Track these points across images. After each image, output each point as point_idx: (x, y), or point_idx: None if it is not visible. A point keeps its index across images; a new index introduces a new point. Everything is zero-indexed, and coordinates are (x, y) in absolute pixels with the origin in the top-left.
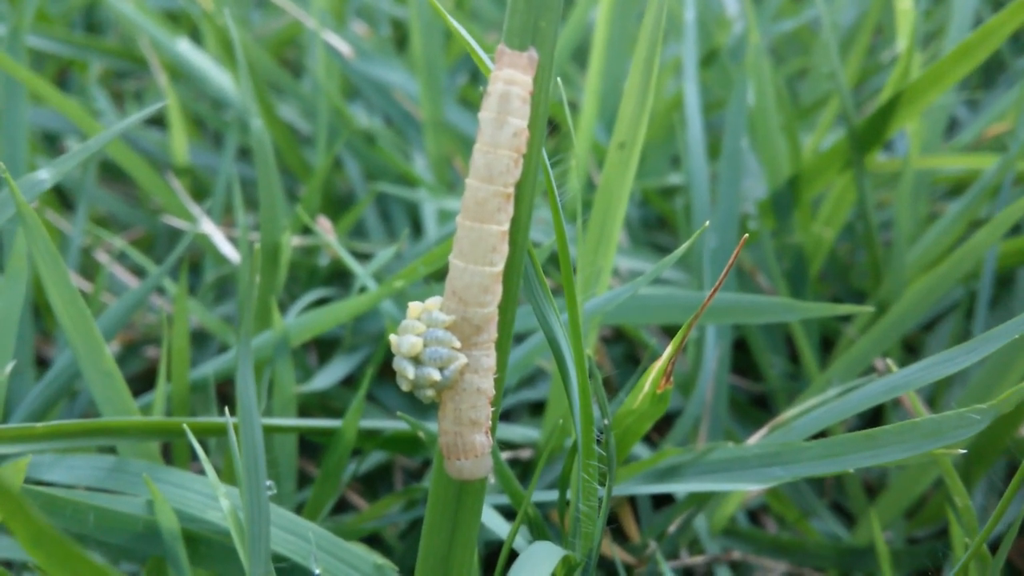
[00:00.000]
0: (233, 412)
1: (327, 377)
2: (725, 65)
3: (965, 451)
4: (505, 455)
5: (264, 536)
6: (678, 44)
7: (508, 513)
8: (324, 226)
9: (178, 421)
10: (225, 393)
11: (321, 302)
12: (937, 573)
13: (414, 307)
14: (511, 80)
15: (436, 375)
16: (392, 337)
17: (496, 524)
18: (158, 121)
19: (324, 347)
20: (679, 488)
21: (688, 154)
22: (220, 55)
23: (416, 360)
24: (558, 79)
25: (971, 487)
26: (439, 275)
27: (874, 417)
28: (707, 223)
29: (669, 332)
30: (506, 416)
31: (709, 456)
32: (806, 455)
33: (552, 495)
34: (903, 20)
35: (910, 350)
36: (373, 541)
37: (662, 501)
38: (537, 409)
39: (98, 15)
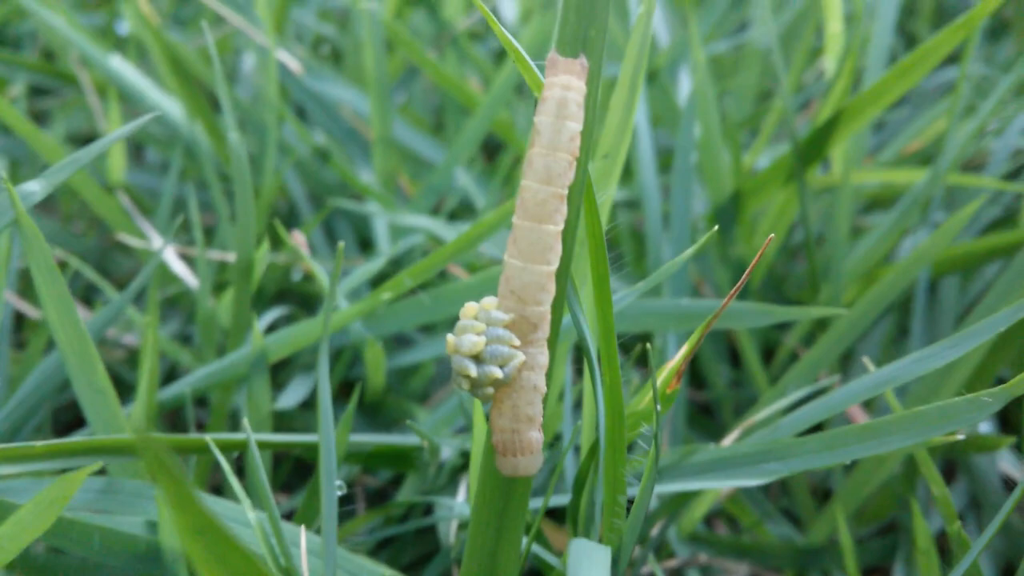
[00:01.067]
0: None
1: (292, 395)
2: (664, 84)
3: (963, 436)
4: None
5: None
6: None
7: None
8: (298, 241)
9: (200, 439)
10: (175, 417)
11: (286, 319)
12: (889, 568)
13: (470, 307)
14: (568, 86)
15: (498, 373)
16: (450, 337)
17: None
18: (86, 139)
19: (275, 367)
20: (680, 487)
21: (640, 170)
22: (155, 71)
23: (476, 359)
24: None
25: (914, 486)
26: (425, 286)
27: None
28: (715, 228)
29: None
30: None
31: (692, 458)
32: (802, 450)
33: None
34: (832, 43)
35: (843, 356)
36: None
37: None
38: None
39: (14, 30)
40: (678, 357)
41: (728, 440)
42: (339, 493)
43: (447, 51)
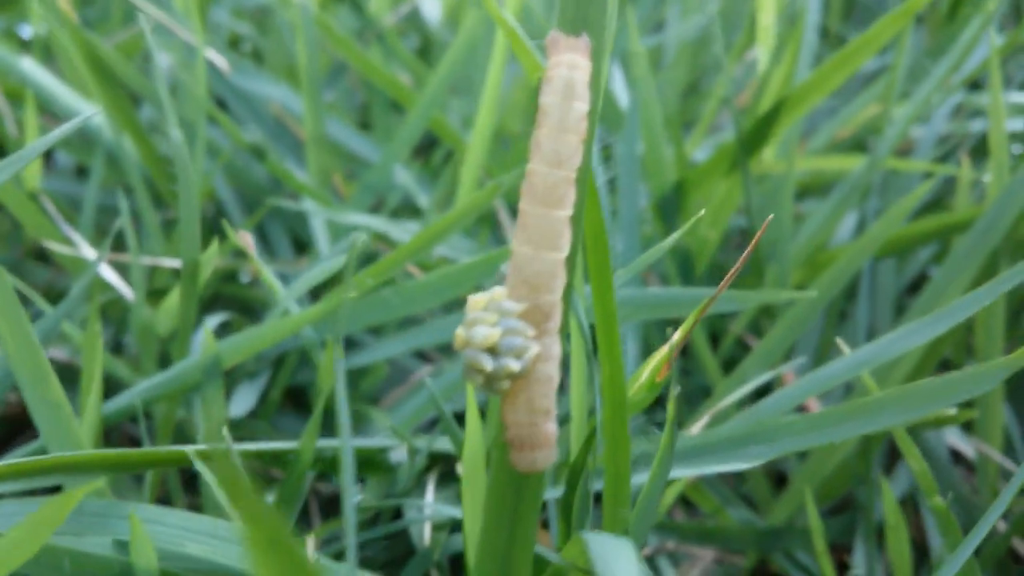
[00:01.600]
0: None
1: (242, 404)
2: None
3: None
4: None
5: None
6: None
7: None
8: (246, 242)
9: (178, 451)
10: (111, 433)
11: (224, 326)
12: (848, 544)
13: (478, 299)
14: (574, 64)
15: (515, 365)
16: (459, 331)
17: None
18: None
19: None
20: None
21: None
22: (66, 74)
23: (490, 352)
24: None
25: (870, 464)
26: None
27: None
28: (698, 214)
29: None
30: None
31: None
32: (790, 431)
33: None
34: (764, 35)
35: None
36: None
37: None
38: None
39: None
40: (670, 344)
41: (697, 427)
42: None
43: (372, 48)
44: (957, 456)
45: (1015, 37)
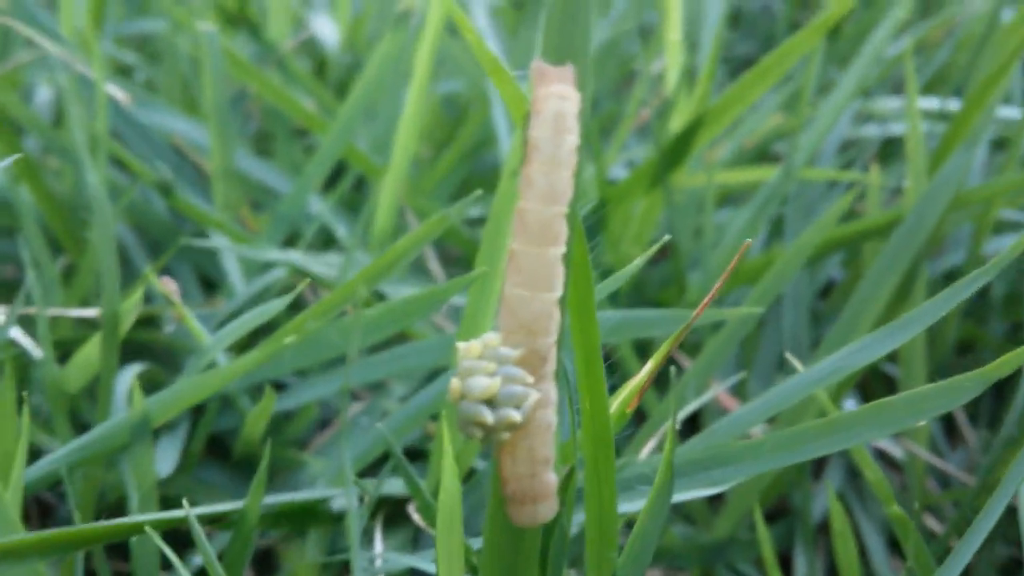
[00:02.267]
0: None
1: (167, 461)
2: None
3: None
4: None
5: None
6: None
7: None
8: (169, 288)
9: (121, 524)
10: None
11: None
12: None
13: (471, 347)
14: (564, 95)
15: (517, 415)
16: (454, 382)
17: None
18: None
19: None
20: (632, 507)
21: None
22: None
23: (489, 403)
24: None
25: (806, 471)
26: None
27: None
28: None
29: None
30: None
31: (623, 474)
32: (757, 452)
33: None
34: (672, 51)
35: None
36: None
37: None
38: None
39: None
40: (642, 374)
41: (645, 452)
42: None
43: (273, 73)
44: (881, 454)
45: (923, 38)
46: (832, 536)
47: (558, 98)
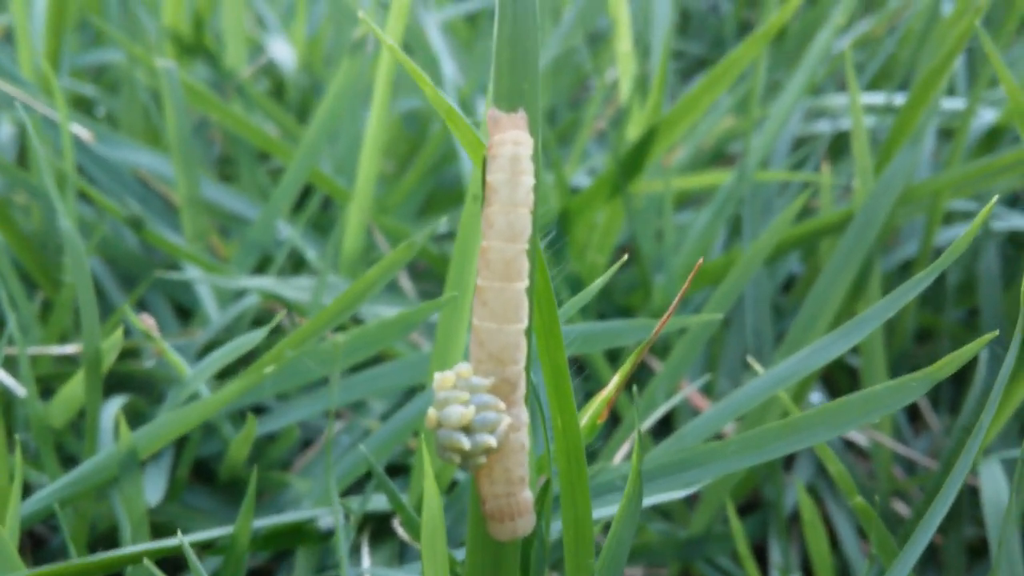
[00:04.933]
0: (39, 556)
1: (155, 490)
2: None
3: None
4: None
5: None
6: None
7: None
8: (148, 324)
9: (115, 556)
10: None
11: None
12: (763, 543)
13: (446, 377)
14: (518, 140)
15: (492, 440)
16: (431, 412)
17: None
18: None
19: None
20: (606, 512)
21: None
22: None
23: (465, 429)
24: None
25: (776, 464)
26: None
27: (665, 421)
28: (624, 258)
29: None
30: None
31: (597, 480)
32: (723, 453)
33: None
34: (624, 62)
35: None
36: None
37: None
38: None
39: None
40: (610, 387)
41: (619, 456)
42: None
43: (233, 100)
44: (849, 444)
45: (867, 34)
46: (804, 527)
47: (512, 143)
